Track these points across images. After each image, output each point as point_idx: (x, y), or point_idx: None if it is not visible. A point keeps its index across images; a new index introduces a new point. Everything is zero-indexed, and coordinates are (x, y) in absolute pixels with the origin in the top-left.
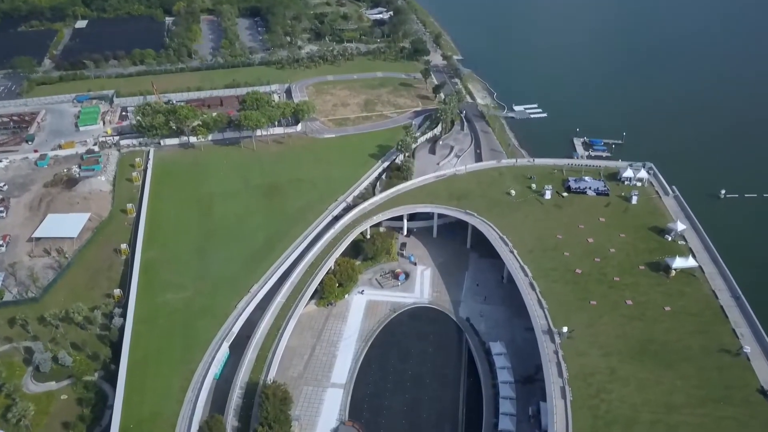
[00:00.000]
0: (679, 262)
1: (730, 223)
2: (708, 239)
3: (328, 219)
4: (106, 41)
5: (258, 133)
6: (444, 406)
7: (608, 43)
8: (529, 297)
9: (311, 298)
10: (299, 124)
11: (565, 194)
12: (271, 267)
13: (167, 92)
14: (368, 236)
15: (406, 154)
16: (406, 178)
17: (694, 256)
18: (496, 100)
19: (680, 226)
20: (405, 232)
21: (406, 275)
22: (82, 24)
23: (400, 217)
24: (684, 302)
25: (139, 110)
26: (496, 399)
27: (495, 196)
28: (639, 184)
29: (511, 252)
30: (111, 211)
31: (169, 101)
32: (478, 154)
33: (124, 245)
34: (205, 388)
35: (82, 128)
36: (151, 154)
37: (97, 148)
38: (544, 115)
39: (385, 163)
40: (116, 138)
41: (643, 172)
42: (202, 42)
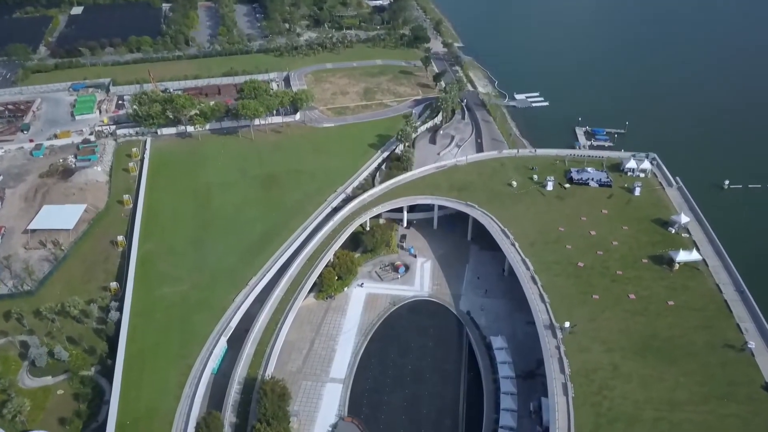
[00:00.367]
0: (682, 255)
1: (734, 215)
2: (712, 232)
3: (327, 211)
4: (102, 28)
5: (256, 122)
6: (444, 402)
7: (611, 31)
8: (531, 291)
9: (310, 291)
10: (298, 113)
11: (567, 185)
12: (270, 259)
13: (164, 80)
14: (368, 228)
15: (406, 144)
16: (406, 168)
17: (698, 249)
18: (498, 89)
19: (684, 219)
20: (405, 224)
21: (406, 268)
22: (77, 10)
23: (399, 209)
24: (687, 297)
25: (136, 99)
26: (497, 394)
27: (496, 188)
28: (642, 175)
29: (513, 245)
30: (107, 202)
31: (166, 90)
32: (479, 143)
33: (121, 237)
34: (203, 384)
35: (78, 117)
36: (148, 144)
37: (93, 138)
38: (546, 103)
39: (385, 154)
40: (112, 127)
41: (646, 163)
42: (200, 29)
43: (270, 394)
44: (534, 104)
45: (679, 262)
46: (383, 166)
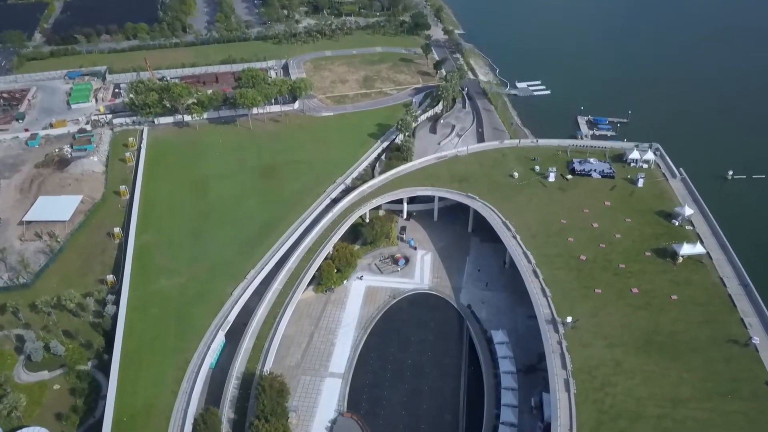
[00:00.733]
0: (686, 248)
1: (738, 207)
2: (716, 224)
3: (326, 202)
4: (98, 14)
5: (254, 111)
6: (444, 397)
7: (614, 18)
8: (533, 285)
9: (309, 284)
10: (296, 102)
11: (570, 177)
12: (268, 252)
13: (161, 68)
14: (367, 220)
15: (407, 133)
16: (407, 159)
17: (701, 241)
18: (499, 77)
19: (688, 211)
20: (405, 216)
21: (406, 260)
22: None
23: (399, 200)
24: (691, 291)
25: (132, 88)
26: (498, 389)
27: (497, 179)
28: (645, 166)
29: (514, 237)
30: (104, 193)
31: (163, 78)
32: (480, 133)
33: (118, 229)
34: (201, 379)
35: (74, 106)
36: (145, 134)
37: (89, 127)
38: (548, 92)
39: (385, 143)
40: (109, 116)
41: (649, 154)
42: (197, 15)
43: (268, 389)
44: (536, 93)
45: (682, 256)
46: (383, 157)
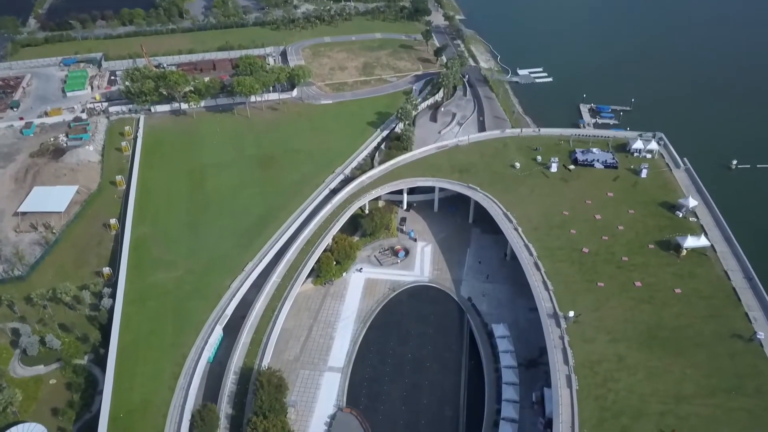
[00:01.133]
0: (690, 241)
1: (743, 197)
2: (720, 216)
3: (325, 192)
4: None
5: (252, 99)
6: (445, 392)
7: (617, 4)
8: (534, 278)
9: (308, 277)
10: (295, 90)
11: (572, 167)
12: (266, 244)
13: (157, 55)
14: (367, 211)
15: (407, 122)
16: (407, 148)
17: (705, 234)
18: (500, 64)
19: (692, 203)
20: (405, 207)
21: (406, 252)
22: None
23: (399, 191)
24: (695, 284)
25: (128, 75)
26: (499, 384)
27: (499, 169)
28: (649, 156)
29: (516, 229)
30: (100, 183)
31: (159, 65)
32: (481, 122)
33: (114, 220)
34: (198, 374)
35: (69, 94)
36: (141, 122)
37: (84, 116)
38: (550, 79)
39: (385, 132)
40: (105, 104)
41: (653, 144)
42: (194, 0)
43: (266, 385)
44: (537, 80)
45: (686, 248)
46: (383, 146)
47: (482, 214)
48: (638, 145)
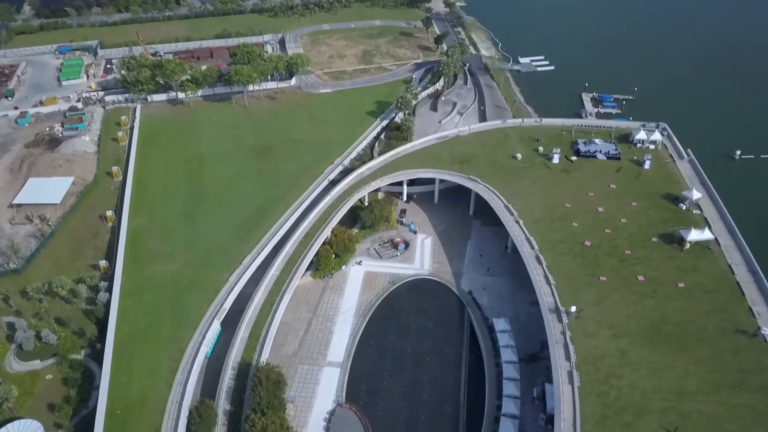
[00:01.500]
0: (694, 234)
1: (747, 189)
2: (724, 208)
3: (324, 184)
4: None
5: (250, 88)
6: (445, 387)
7: None
8: (536, 272)
9: (306, 270)
10: (293, 78)
11: (574, 158)
12: (264, 237)
13: (154, 43)
14: (366, 203)
15: (407, 111)
16: (407, 138)
17: (709, 226)
18: (501, 51)
19: (695, 195)
20: (405, 198)
21: (406, 244)
22: None
23: (399, 182)
24: (698, 278)
25: (124, 64)
26: (499, 379)
27: (500, 160)
28: (652, 147)
29: (517, 222)
30: (96, 174)
31: (156, 53)
32: (482, 111)
33: (110, 212)
34: (196, 369)
35: (64, 82)
36: (138, 112)
37: (80, 105)
38: (551, 68)
39: (384, 122)
40: (101, 93)
41: (656, 134)
42: None
43: (265, 381)
44: (539, 68)
45: (689, 241)
46: (382, 136)
47: (483, 205)
48: (641, 135)
